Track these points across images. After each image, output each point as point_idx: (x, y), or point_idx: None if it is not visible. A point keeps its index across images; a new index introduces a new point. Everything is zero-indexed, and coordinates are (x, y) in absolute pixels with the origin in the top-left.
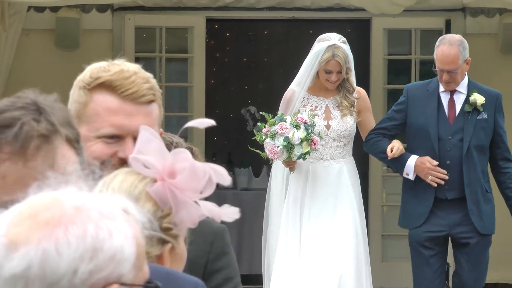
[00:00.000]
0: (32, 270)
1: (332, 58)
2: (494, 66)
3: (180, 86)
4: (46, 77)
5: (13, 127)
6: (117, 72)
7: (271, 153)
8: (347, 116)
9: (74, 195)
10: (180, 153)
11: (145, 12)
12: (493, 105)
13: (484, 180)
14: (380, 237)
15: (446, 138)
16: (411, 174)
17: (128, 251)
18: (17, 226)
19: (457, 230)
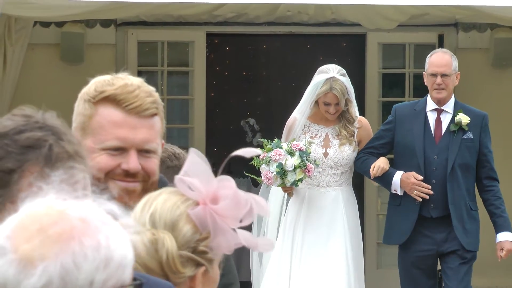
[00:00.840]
0: (53, 285)
1: (330, 91)
2: (486, 80)
3: (181, 98)
4: (51, 90)
5: (41, 148)
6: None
7: (266, 178)
8: (345, 145)
9: (73, 206)
10: (225, 180)
11: (147, 27)
12: (479, 125)
13: (469, 198)
14: (376, 244)
15: (432, 157)
16: (399, 190)
17: (130, 256)
18: (27, 242)
19: (444, 247)
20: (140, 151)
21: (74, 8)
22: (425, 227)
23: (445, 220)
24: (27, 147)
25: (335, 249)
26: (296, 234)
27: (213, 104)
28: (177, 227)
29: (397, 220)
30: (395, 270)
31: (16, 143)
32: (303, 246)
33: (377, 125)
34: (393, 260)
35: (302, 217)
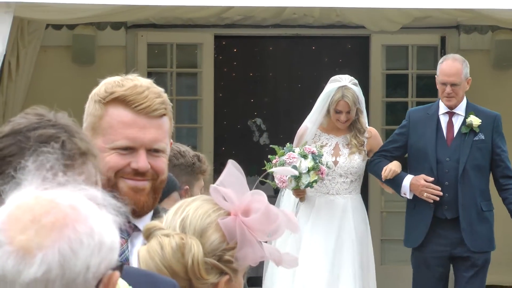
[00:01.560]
0: (52, 272)
1: (342, 99)
2: (486, 81)
3: (190, 99)
4: (63, 91)
5: (55, 144)
6: (130, 87)
7: (280, 181)
8: (354, 154)
9: (59, 194)
10: (258, 194)
11: (157, 29)
12: (491, 126)
13: (482, 199)
14: (380, 241)
15: (444, 160)
16: (408, 193)
17: (117, 239)
18: (22, 233)
19: (457, 250)
20: (149, 151)
21: (86, 11)
22: (440, 228)
23: (458, 221)
24: (40, 143)
25: (341, 260)
26: (304, 240)
27: (221, 104)
28: (206, 235)
29: (413, 223)
30: (398, 266)
31: (30, 140)
32: (310, 252)
33: (381, 125)
34: (397, 257)
35: (311, 223)
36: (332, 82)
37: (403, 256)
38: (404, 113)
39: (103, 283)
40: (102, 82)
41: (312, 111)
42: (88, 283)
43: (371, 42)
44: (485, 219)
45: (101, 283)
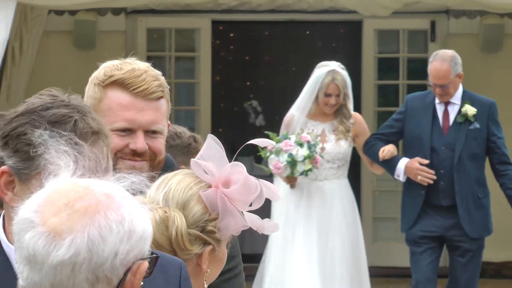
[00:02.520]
0: (80, 256)
1: (332, 82)
2: (475, 64)
3: (188, 82)
4: (65, 74)
5: (67, 123)
6: (129, 70)
7: (275, 168)
8: (341, 140)
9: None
10: (237, 165)
11: (156, 14)
12: (486, 114)
13: (477, 186)
14: (372, 219)
15: (440, 148)
16: (402, 176)
17: (149, 230)
18: (55, 216)
19: (450, 233)
20: (147, 132)
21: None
22: (434, 211)
23: (454, 209)
24: (54, 122)
25: (334, 242)
26: (297, 225)
27: (218, 87)
28: (188, 207)
29: (407, 207)
30: (390, 244)
31: (43, 119)
32: (304, 236)
33: (373, 107)
34: (389, 235)
35: (303, 209)
36: (320, 67)
37: (394, 234)
38: (395, 95)
39: (132, 271)
40: (101, 65)
41: (300, 99)
42: (115, 270)
43: (363, 27)
44: (482, 206)
45: (129, 271)
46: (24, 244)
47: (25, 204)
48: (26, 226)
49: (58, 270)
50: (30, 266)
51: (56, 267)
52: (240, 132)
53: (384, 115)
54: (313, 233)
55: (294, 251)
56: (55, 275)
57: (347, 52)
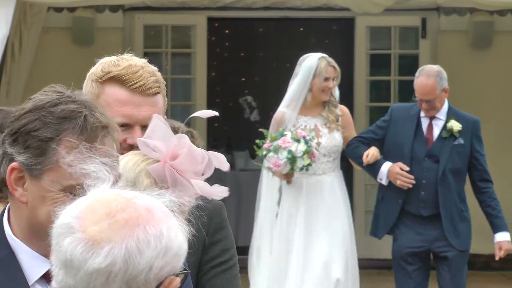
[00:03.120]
0: (116, 266)
1: (329, 65)
2: (465, 60)
3: (184, 78)
4: (64, 70)
5: (77, 119)
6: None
7: (275, 166)
8: (334, 132)
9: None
10: (182, 138)
11: (152, 11)
12: (470, 131)
13: (459, 201)
14: (364, 212)
15: (423, 159)
16: (384, 180)
17: (184, 248)
18: (95, 224)
19: (436, 245)
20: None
21: None
22: (417, 224)
23: (436, 219)
24: (63, 118)
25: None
26: (298, 221)
27: (214, 83)
28: (138, 182)
29: (379, 214)
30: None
31: (53, 115)
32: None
33: (366, 102)
34: None
35: (303, 205)
36: (306, 59)
37: None
38: (387, 91)
39: (163, 286)
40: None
41: (289, 95)
42: (148, 283)
43: (355, 24)
44: (465, 218)
45: (161, 285)
46: (62, 249)
47: (67, 209)
48: (65, 231)
49: (93, 278)
50: (66, 270)
51: (91, 274)
52: (235, 127)
53: (376, 110)
54: (317, 226)
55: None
56: (89, 282)
57: (339, 49)
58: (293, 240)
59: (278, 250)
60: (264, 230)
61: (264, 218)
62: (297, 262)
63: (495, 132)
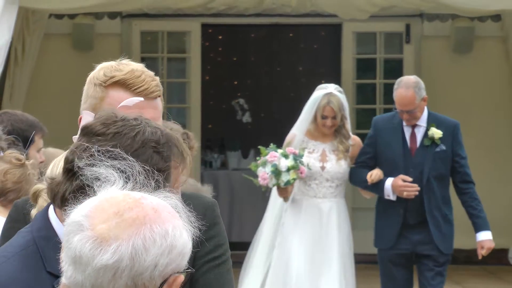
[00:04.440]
0: (123, 263)
1: (328, 105)
2: (447, 63)
3: (179, 81)
4: (64, 74)
5: (173, 141)
6: (129, 71)
7: (262, 179)
8: (341, 160)
9: (146, 196)
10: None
11: (149, 18)
12: (451, 135)
13: (443, 204)
14: (351, 209)
15: (408, 170)
16: (391, 195)
17: (189, 247)
18: (104, 223)
19: (420, 248)
20: None
21: (85, 1)
22: (405, 230)
23: (422, 225)
24: (167, 144)
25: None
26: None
27: (208, 86)
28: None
29: (383, 226)
30: (367, 232)
31: (160, 144)
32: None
33: (352, 104)
34: (366, 223)
35: (301, 225)
36: (318, 90)
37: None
38: (373, 93)
39: (168, 283)
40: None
41: (300, 119)
42: (153, 280)
43: (342, 30)
44: (449, 221)
45: (166, 282)
46: (72, 246)
47: (77, 208)
48: (75, 229)
49: (100, 273)
50: (75, 267)
51: (99, 270)
52: (228, 128)
53: (362, 112)
54: (309, 247)
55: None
56: (97, 278)
57: (327, 53)
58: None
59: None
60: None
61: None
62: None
63: (475, 133)
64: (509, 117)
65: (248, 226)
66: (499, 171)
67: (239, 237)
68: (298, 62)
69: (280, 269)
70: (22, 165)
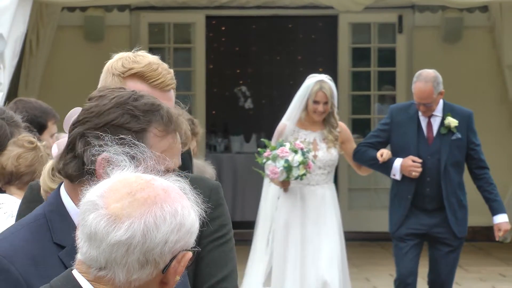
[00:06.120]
0: (135, 239)
1: (320, 90)
2: (438, 52)
3: (185, 70)
4: (76, 64)
5: (159, 111)
6: (146, 64)
7: (272, 173)
8: (331, 148)
9: (157, 178)
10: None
11: (156, 11)
12: (466, 124)
13: (459, 190)
14: (347, 189)
15: (426, 157)
16: (398, 175)
17: (196, 225)
18: (117, 202)
19: (435, 230)
20: None
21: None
22: (421, 212)
23: (438, 210)
24: (148, 111)
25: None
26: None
27: (212, 74)
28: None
29: (393, 210)
30: (363, 211)
31: (137, 108)
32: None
33: (348, 91)
34: (362, 203)
35: (299, 211)
36: (309, 78)
37: (366, 202)
38: (367, 80)
39: (177, 259)
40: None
41: (290, 108)
42: (163, 255)
43: (339, 21)
44: (463, 206)
45: (175, 258)
46: (87, 223)
47: (92, 189)
48: (91, 208)
49: (114, 249)
50: (90, 243)
51: (113, 245)
52: (231, 114)
53: (358, 98)
54: (309, 232)
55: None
56: (111, 253)
57: (324, 43)
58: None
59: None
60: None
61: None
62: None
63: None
64: (497, 103)
65: (250, 206)
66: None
67: (241, 217)
68: (297, 51)
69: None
70: (35, 148)
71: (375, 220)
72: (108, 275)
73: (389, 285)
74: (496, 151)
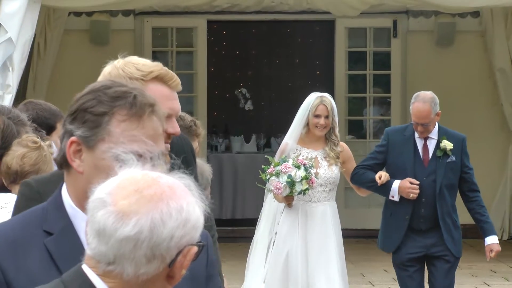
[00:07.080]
0: (143, 234)
1: (321, 103)
2: (431, 56)
3: (187, 73)
4: (82, 67)
5: (127, 98)
6: (163, 68)
7: (276, 188)
8: (332, 166)
9: (163, 176)
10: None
11: (160, 15)
12: (460, 148)
13: (453, 212)
14: (344, 188)
15: (422, 178)
16: (396, 196)
17: (201, 220)
18: (125, 199)
19: (433, 250)
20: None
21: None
22: (416, 234)
23: (433, 230)
24: (116, 97)
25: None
26: (295, 241)
27: (213, 77)
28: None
29: (388, 230)
30: (358, 209)
31: (107, 94)
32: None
33: (345, 93)
34: (358, 202)
35: (300, 228)
36: (310, 96)
37: (362, 201)
38: (363, 83)
39: (183, 253)
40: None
41: (292, 127)
42: (170, 250)
43: (335, 25)
44: (458, 227)
45: (181, 253)
46: (96, 219)
47: (100, 186)
48: (99, 205)
49: (122, 244)
50: (99, 239)
51: (121, 241)
52: (232, 115)
53: (354, 100)
54: (309, 249)
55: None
56: (119, 248)
57: (322, 47)
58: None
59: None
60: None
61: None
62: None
63: (456, 121)
64: (488, 106)
65: (250, 204)
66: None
67: (242, 214)
68: (295, 55)
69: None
70: (39, 147)
71: (370, 218)
72: (116, 270)
73: (383, 280)
74: (487, 153)
